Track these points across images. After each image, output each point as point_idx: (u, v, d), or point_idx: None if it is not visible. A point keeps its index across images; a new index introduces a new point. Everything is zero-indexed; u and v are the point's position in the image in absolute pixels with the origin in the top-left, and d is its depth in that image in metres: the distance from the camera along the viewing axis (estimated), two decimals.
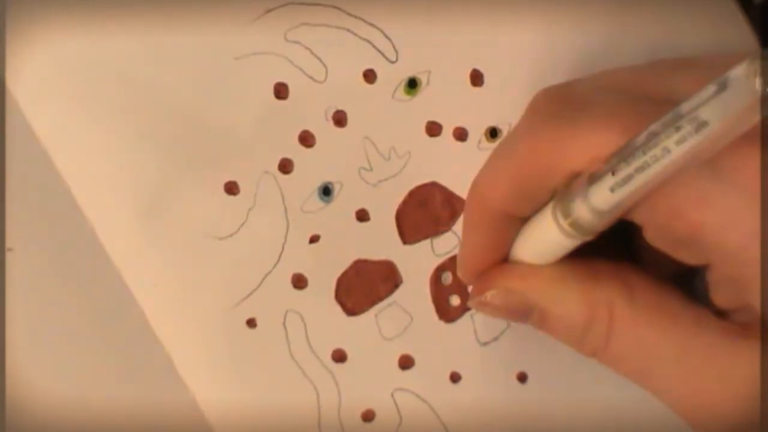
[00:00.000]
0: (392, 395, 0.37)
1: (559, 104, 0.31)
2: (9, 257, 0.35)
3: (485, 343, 0.37)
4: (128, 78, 0.35)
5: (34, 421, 0.36)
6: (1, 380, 0.35)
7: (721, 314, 0.30)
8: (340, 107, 0.36)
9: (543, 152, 0.29)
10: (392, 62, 0.36)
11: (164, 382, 0.36)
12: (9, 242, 0.35)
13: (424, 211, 0.37)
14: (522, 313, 0.32)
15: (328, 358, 0.36)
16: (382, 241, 0.37)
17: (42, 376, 0.36)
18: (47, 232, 0.36)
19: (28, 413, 0.36)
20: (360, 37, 0.36)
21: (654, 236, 0.29)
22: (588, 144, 0.28)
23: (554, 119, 0.30)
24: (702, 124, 0.24)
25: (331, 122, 0.36)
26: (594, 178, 0.27)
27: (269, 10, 0.36)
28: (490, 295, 0.32)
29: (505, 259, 0.33)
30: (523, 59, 0.36)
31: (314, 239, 0.36)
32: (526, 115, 0.32)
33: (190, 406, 0.36)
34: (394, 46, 0.36)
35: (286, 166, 0.36)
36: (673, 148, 0.25)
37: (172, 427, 0.36)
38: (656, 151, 0.26)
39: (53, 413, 0.36)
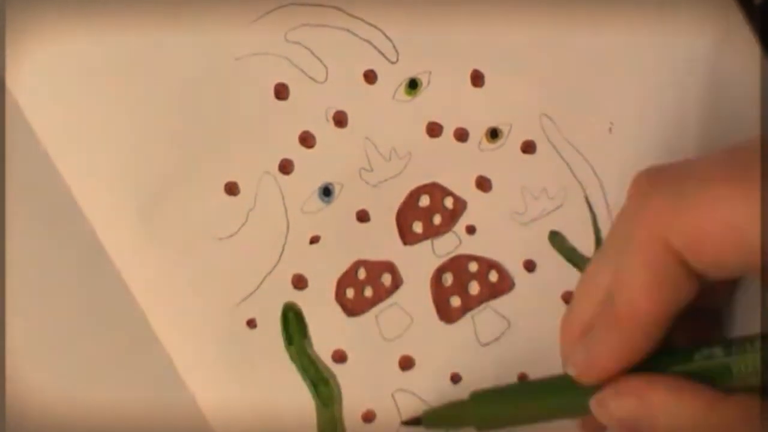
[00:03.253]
0: (393, 396, 0.37)
1: (661, 179, 0.30)
2: (9, 257, 0.35)
3: (486, 344, 0.37)
4: (128, 79, 0.35)
5: (34, 421, 0.36)
6: (1, 380, 0.35)
7: None
8: (340, 108, 0.36)
9: (660, 230, 0.29)
10: (393, 63, 0.36)
11: (164, 381, 0.36)
12: (9, 242, 0.35)
13: (425, 211, 0.37)
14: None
15: (328, 359, 0.36)
16: (382, 242, 0.36)
17: (42, 375, 0.36)
18: (47, 233, 0.36)
19: (27, 412, 0.35)
20: (360, 38, 0.36)
21: None
22: (704, 211, 0.28)
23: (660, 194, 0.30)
24: None
25: (332, 123, 0.36)
26: None
27: (270, 11, 0.36)
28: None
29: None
30: (523, 60, 0.36)
31: (314, 240, 0.36)
32: (630, 198, 0.31)
33: (190, 406, 0.36)
34: (394, 47, 0.36)
35: (286, 167, 0.36)
36: None
37: (171, 426, 0.36)
38: None
39: (53, 409, 0.36)
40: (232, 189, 0.36)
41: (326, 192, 0.36)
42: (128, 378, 0.36)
